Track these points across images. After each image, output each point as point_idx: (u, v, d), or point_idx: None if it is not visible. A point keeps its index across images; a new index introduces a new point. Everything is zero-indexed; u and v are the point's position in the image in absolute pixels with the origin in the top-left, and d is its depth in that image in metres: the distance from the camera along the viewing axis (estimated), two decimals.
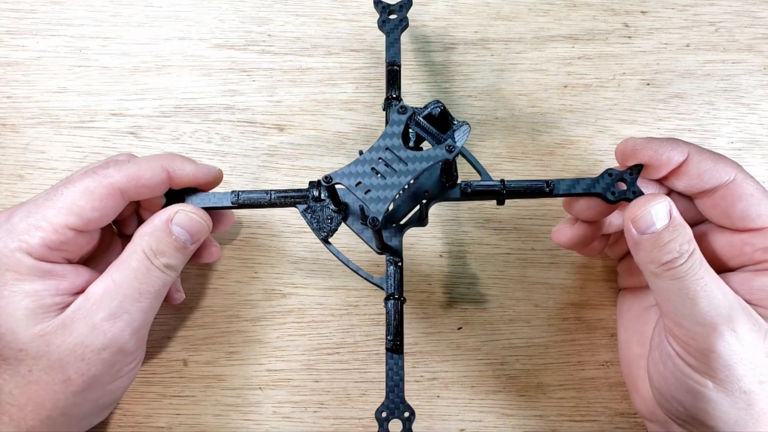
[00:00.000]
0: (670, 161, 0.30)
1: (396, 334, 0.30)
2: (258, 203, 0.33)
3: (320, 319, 0.38)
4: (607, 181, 0.31)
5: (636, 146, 0.30)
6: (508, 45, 0.42)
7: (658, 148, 0.30)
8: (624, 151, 0.31)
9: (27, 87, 0.41)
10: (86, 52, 0.42)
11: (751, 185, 0.30)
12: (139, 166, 0.31)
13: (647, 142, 0.30)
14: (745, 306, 0.28)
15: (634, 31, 0.43)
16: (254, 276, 0.38)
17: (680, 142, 0.31)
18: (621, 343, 0.35)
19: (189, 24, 0.43)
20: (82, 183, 0.30)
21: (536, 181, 0.32)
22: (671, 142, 0.30)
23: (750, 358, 0.27)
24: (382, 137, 0.30)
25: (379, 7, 0.38)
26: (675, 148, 0.30)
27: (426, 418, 0.36)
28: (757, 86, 0.41)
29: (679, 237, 0.28)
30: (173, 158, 0.32)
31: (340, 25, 0.43)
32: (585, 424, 0.36)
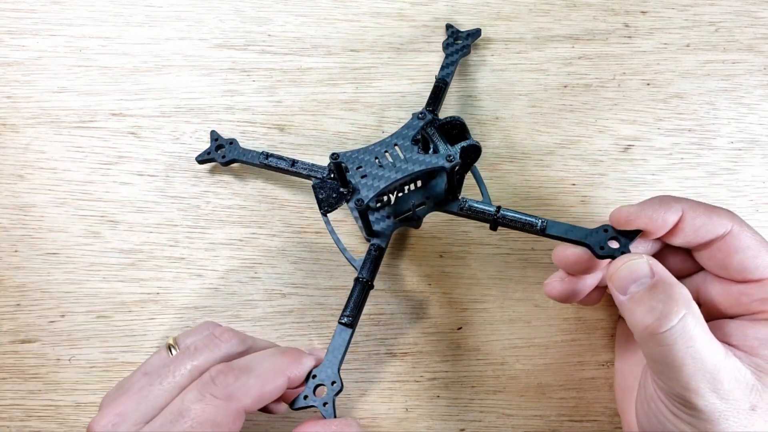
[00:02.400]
0: (665, 224, 0.29)
1: (353, 311, 0.32)
2: (281, 168, 0.37)
3: (320, 319, 0.37)
4: (601, 236, 0.31)
5: (630, 216, 0.30)
6: (508, 45, 0.42)
7: (652, 215, 0.29)
8: (618, 221, 0.30)
9: (27, 87, 0.41)
10: (86, 52, 0.42)
11: (748, 236, 0.29)
12: (263, 381, 0.28)
13: (640, 210, 0.30)
14: (732, 361, 0.27)
15: (634, 31, 0.43)
16: (254, 276, 0.38)
17: (672, 200, 0.30)
18: (617, 370, 0.35)
19: (189, 24, 0.43)
20: (204, 415, 0.26)
21: (530, 217, 0.32)
22: (663, 204, 0.30)
23: (733, 412, 0.26)
24: (394, 134, 0.32)
25: (449, 31, 0.42)
26: (668, 210, 0.29)
27: (426, 418, 0.36)
28: (757, 86, 0.41)
29: (662, 297, 0.26)
30: (292, 361, 0.30)
31: (340, 25, 0.43)
32: (585, 424, 0.36)
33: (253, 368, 0.28)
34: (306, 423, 0.29)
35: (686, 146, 0.41)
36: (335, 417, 0.30)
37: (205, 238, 0.39)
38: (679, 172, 0.40)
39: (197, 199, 0.40)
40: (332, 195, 0.33)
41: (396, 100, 0.41)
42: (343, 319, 0.32)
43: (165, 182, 0.40)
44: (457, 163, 0.31)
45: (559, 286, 0.33)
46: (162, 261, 0.38)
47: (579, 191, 0.40)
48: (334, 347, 0.31)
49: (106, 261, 0.38)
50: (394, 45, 0.42)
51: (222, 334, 0.30)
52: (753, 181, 0.40)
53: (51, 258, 0.38)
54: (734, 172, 0.40)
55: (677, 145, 0.41)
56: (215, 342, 0.30)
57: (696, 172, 0.40)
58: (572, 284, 0.33)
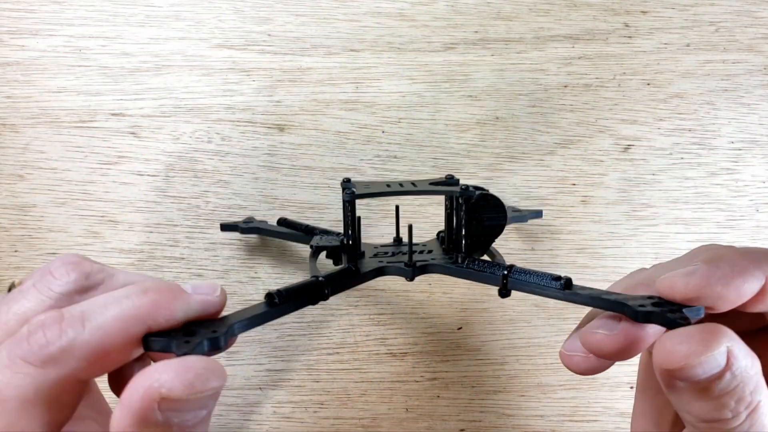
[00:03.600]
0: (740, 298, 0.21)
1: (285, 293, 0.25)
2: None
3: (320, 319, 0.37)
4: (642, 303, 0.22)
5: (689, 293, 0.21)
6: (508, 45, 0.42)
7: (722, 290, 0.21)
8: (670, 295, 0.22)
9: (27, 87, 0.41)
10: (86, 52, 0.42)
11: None
12: (103, 335, 0.19)
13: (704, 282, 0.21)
14: None
15: (634, 31, 0.43)
16: (254, 276, 0.38)
17: (749, 263, 0.21)
18: (636, 411, 0.28)
19: (189, 24, 0.43)
20: (6, 390, 0.18)
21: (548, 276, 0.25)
22: (738, 270, 0.21)
23: None
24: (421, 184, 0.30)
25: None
26: (746, 280, 0.21)
27: (426, 418, 0.36)
28: (758, 86, 0.41)
29: (738, 389, 0.19)
30: (155, 302, 0.20)
31: (340, 25, 0.43)
32: (585, 424, 0.36)
33: (93, 316, 0.19)
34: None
35: (686, 146, 0.41)
36: None
37: (205, 238, 0.39)
38: (679, 172, 0.40)
39: (197, 199, 0.40)
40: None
41: (396, 100, 0.41)
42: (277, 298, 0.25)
43: (165, 182, 0.40)
44: (471, 195, 0.28)
45: (585, 363, 0.24)
46: (162, 261, 0.38)
47: (579, 191, 0.40)
48: (242, 310, 0.24)
49: (106, 261, 0.38)
50: (394, 45, 0.42)
51: (58, 267, 0.22)
52: (753, 181, 0.40)
53: (51, 258, 0.38)
54: (734, 172, 0.40)
55: (677, 145, 0.41)
56: (46, 279, 0.21)
57: (696, 172, 0.40)
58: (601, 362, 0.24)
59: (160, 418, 0.18)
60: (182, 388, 0.18)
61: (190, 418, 0.18)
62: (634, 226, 0.40)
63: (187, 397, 0.18)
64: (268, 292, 0.24)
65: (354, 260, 0.29)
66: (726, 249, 0.22)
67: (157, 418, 0.18)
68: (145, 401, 0.17)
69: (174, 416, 0.18)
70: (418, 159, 0.40)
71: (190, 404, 0.18)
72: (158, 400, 0.17)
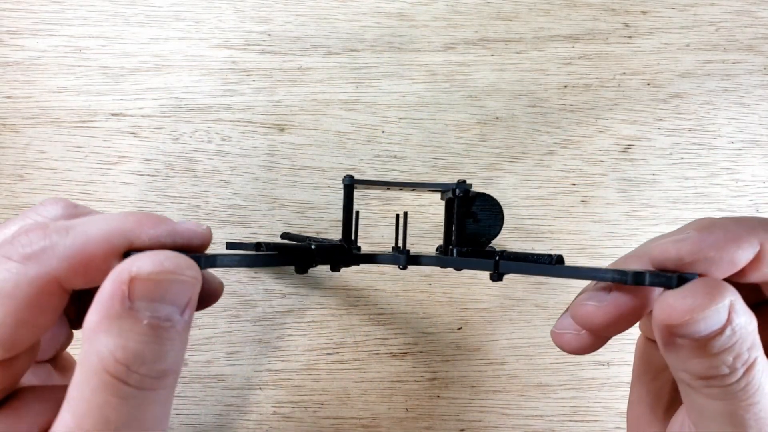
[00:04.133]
0: (734, 266, 0.21)
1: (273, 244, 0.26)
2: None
3: (320, 319, 0.37)
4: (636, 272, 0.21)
5: (682, 258, 0.20)
6: (509, 45, 0.42)
7: (715, 256, 0.20)
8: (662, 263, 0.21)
9: (27, 87, 0.41)
10: (86, 52, 0.42)
11: None
12: (85, 240, 0.19)
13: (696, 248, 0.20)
14: None
15: (634, 31, 0.43)
16: (254, 276, 0.38)
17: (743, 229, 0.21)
18: (632, 398, 0.27)
19: (189, 24, 0.43)
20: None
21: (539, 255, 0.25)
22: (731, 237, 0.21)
23: None
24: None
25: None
26: (739, 246, 0.20)
27: (426, 418, 0.36)
28: (758, 86, 0.41)
29: (737, 346, 0.19)
30: (139, 221, 0.20)
31: (340, 25, 0.43)
32: (585, 424, 0.36)
33: (77, 226, 0.20)
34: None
35: (686, 146, 0.41)
36: None
37: None
38: (679, 172, 0.40)
39: (197, 199, 0.40)
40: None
41: (396, 100, 0.41)
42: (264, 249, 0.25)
43: (165, 182, 0.40)
44: (466, 191, 0.28)
45: (576, 341, 0.24)
46: None
47: (579, 191, 0.40)
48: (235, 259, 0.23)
49: None
50: (394, 45, 0.42)
51: (47, 200, 0.23)
52: (753, 181, 0.40)
53: None
54: (734, 172, 0.40)
55: (677, 145, 0.41)
56: (35, 208, 0.23)
57: (696, 172, 0.40)
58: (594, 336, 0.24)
59: (127, 305, 0.18)
60: (152, 265, 0.18)
61: (161, 314, 0.18)
62: (634, 226, 0.40)
63: (157, 276, 0.18)
64: (258, 241, 0.25)
65: (348, 243, 0.30)
66: (720, 218, 0.22)
67: (126, 306, 0.18)
68: (115, 284, 0.18)
69: (144, 307, 0.18)
70: (418, 159, 0.40)
71: (161, 290, 0.18)
72: (127, 282, 0.18)
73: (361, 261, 0.29)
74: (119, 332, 0.18)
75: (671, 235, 0.22)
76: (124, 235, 0.20)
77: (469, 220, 0.29)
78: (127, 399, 0.18)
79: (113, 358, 0.17)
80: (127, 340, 0.18)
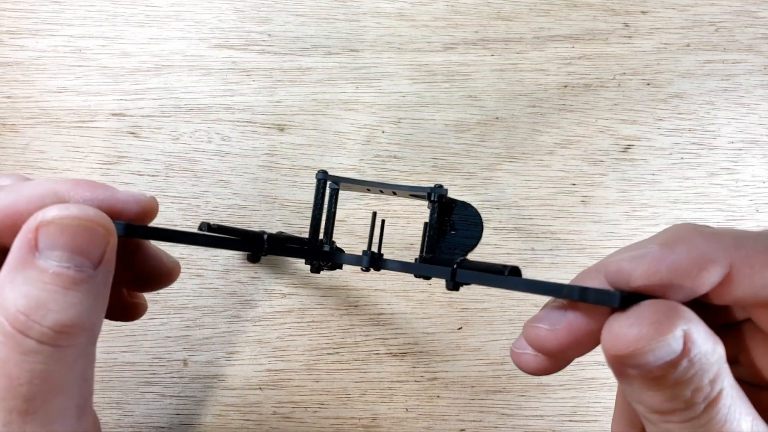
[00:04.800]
0: (696, 289, 0.18)
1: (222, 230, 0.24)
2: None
3: (320, 319, 0.37)
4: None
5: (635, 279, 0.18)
6: (508, 45, 0.42)
7: (674, 278, 0.17)
8: (616, 282, 0.18)
9: (27, 87, 0.41)
10: (86, 52, 0.42)
11: None
12: (17, 195, 0.19)
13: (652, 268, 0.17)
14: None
15: (634, 31, 0.43)
16: (254, 276, 0.38)
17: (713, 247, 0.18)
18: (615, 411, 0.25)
19: (189, 24, 0.43)
20: None
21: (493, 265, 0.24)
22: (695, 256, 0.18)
23: None
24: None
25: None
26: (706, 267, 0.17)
27: (426, 418, 0.36)
28: (758, 86, 0.41)
29: (696, 378, 0.17)
30: (77, 183, 0.19)
31: (340, 25, 0.43)
32: (585, 424, 0.36)
33: (14, 186, 0.19)
34: None
35: (686, 146, 0.41)
36: None
37: None
38: (679, 172, 0.40)
39: (197, 199, 0.40)
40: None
41: (396, 100, 0.41)
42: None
43: (165, 182, 0.40)
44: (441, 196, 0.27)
45: (534, 362, 0.22)
46: None
47: (579, 191, 0.40)
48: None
49: None
50: (394, 45, 0.42)
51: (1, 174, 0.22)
52: (753, 181, 0.40)
53: None
54: (734, 172, 0.40)
55: (677, 145, 0.41)
56: None
57: (696, 172, 0.40)
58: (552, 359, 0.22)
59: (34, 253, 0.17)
60: (57, 210, 0.17)
61: (69, 263, 0.17)
62: (634, 226, 0.40)
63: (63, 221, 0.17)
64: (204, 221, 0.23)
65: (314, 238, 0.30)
66: (690, 229, 0.19)
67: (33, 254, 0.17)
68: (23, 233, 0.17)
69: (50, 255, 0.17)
70: (418, 159, 0.40)
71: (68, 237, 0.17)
72: (35, 230, 0.17)
73: (319, 258, 0.29)
74: (24, 281, 0.17)
75: (633, 248, 0.19)
76: (57, 195, 0.19)
77: (447, 228, 0.27)
78: (29, 354, 0.17)
79: (15, 308, 0.16)
80: (30, 288, 0.17)
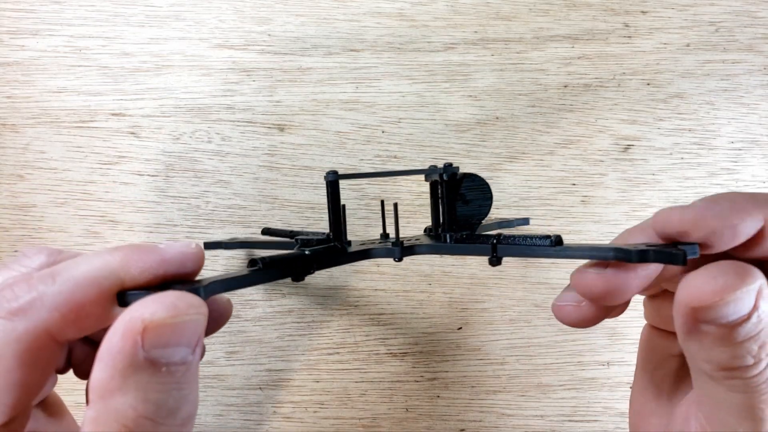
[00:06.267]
0: (735, 238, 0.20)
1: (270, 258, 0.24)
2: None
3: (320, 319, 0.37)
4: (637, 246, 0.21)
5: (684, 226, 0.20)
6: (508, 45, 0.42)
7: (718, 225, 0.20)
8: (665, 231, 0.21)
9: (27, 87, 0.41)
10: (86, 52, 0.42)
11: None
12: (74, 286, 0.18)
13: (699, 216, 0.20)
14: None
15: (634, 31, 0.43)
16: None
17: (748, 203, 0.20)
18: (635, 388, 0.27)
19: (189, 24, 0.43)
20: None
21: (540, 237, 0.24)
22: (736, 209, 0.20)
23: None
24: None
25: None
26: (743, 219, 0.20)
27: (426, 418, 0.36)
28: (758, 86, 0.41)
29: (762, 334, 0.18)
30: (125, 256, 0.19)
31: (340, 25, 0.43)
32: (585, 424, 0.36)
33: (63, 271, 0.18)
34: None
35: (686, 146, 0.41)
36: None
37: (205, 238, 0.39)
38: (679, 172, 0.40)
39: (197, 199, 0.40)
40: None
41: (396, 100, 0.41)
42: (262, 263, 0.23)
43: (165, 182, 0.40)
44: (454, 171, 0.28)
45: (576, 312, 0.24)
46: None
47: (579, 191, 0.40)
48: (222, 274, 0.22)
49: None
50: (394, 45, 0.42)
51: (29, 249, 0.22)
52: (753, 181, 0.40)
53: None
54: (734, 172, 0.40)
55: (677, 145, 0.41)
56: (18, 258, 0.21)
57: (696, 172, 0.40)
58: (594, 308, 0.23)
59: (142, 356, 0.16)
60: (165, 309, 0.17)
61: (177, 358, 0.17)
62: None
63: (172, 319, 0.17)
64: (252, 258, 0.23)
65: (339, 240, 0.28)
66: (731, 192, 0.22)
67: (141, 357, 0.16)
68: (127, 337, 0.16)
69: (160, 354, 0.16)
70: (418, 159, 0.40)
71: (175, 332, 0.17)
72: (141, 332, 0.16)
73: (356, 258, 0.28)
74: (137, 386, 0.16)
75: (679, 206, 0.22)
76: (114, 274, 0.18)
77: (458, 202, 0.28)
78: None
79: (135, 414, 0.16)
80: (147, 393, 0.16)
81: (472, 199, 0.28)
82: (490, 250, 0.25)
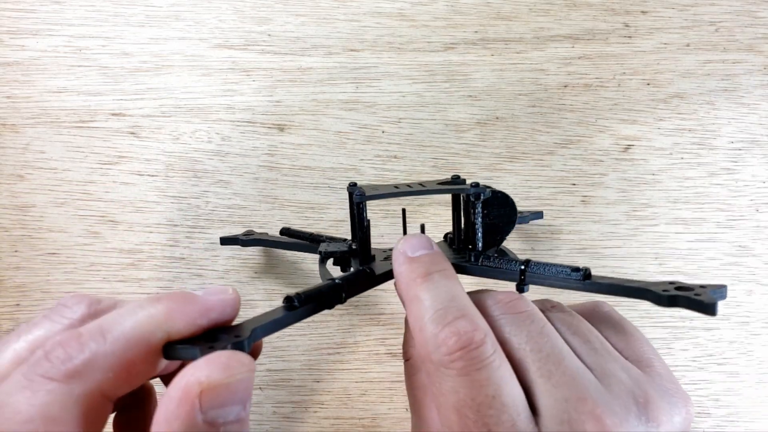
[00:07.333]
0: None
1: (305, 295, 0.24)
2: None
3: (320, 319, 0.37)
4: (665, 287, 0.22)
5: None
6: (508, 45, 0.42)
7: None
8: None
9: (27, 87, 0.41)
10: (86, 52, 0.42)
11: None
12: (125, 344, 0.18)
13: None
14: None
15: (634, 31, 0.43)
16: (254, 276, 0.38)
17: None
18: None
19: (189, 24, 0.43)
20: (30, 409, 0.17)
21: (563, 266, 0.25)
22: None
23: None
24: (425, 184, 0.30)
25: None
26: None
27: None
28: (758, 86, 0.41)
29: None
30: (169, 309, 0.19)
31: (340, 25, 0.43)
32: None
33: (111, 327, 0.18)
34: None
35: (686, 146, 0.41)
36: None
37: (205, 238, 0.39)
38: (679, 172, 0.40)
39: (197, 199, 0.40)
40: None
41: (396, 100, 0.41)
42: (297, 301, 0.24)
43: (165, 182, 0.40)
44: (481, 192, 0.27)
45: None
46: (162, 261, 0.38)
47: (579, 191, 0.40)
48: (261, 315, 0.23)
49: (106, 261, 0.38)
50: (394, 45, 0.42)
51: (69, 298, 0.21)
52: (753, 181, 0.40)
53: (51, 258, 0.38)
54: (734, 172, 0.40)
55: (677, 145, 0.41)
56: (58, 308, 0.21)
57: (696, 172, 0.40)
58: None
59: (201, 419, 0.17)
60: (220, 371, 0.17)
61: (232, 416, 0.18)
62: (634, 226, 0.40)
63: (227, 380, 0.17)
64: (287, 295, 0.24)
65: (366, 263, 0.28)
66: None
67: (199, 420, 0.17)
68: (185, 402, 0.17)
69: (217, 413, 0.17)
70: (418, 159, 0.40)
71: (231, 392, 0.17)
72: (199, 394, 0.17)
73: (384, 280, 0.28)
74: None
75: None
76: (160, 328, 0.19)
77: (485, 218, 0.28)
78: None
79: None
80: None
81: (496, 216, 0.28)
82: (518, 276, 0.25)
